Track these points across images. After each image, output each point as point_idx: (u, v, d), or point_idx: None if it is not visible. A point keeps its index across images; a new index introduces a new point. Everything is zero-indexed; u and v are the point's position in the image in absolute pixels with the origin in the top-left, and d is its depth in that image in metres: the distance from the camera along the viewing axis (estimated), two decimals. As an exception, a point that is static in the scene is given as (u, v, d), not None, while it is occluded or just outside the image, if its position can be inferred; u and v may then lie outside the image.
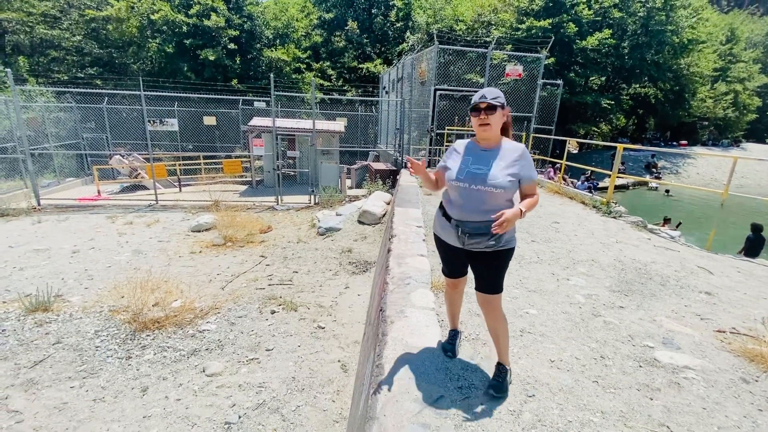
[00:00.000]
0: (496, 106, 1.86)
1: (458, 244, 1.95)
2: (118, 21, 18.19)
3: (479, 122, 1.88)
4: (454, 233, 1.94)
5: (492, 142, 1.94)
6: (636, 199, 18.16)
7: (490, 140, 1.94)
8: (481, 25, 19.91)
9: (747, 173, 22.90)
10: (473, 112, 1.90)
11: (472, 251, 1.94)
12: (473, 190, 1.86)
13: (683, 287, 3.60)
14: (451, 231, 1.95)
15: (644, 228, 5.91)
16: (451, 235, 1.97)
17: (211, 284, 5.22)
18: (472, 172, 1.88)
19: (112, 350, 3.70)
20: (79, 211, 8.93)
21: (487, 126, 1.87)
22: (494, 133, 1.91)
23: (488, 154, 1.91)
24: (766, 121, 25.28)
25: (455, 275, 2.14)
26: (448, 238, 2.00)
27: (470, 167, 1.90)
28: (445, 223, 2.00)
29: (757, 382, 2.27)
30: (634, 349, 2.52)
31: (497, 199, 1.85)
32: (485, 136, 1.92)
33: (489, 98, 1.84)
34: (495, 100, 1.85)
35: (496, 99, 1.85)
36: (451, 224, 1.95)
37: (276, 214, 9.06)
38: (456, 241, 1.95)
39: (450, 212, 1.96)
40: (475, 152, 1.95)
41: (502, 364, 2.05)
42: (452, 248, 2.02)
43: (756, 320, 3.00)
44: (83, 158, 14.15)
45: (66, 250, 6.32)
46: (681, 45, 21.24)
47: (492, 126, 1.87)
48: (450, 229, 1.96)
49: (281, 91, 11.52)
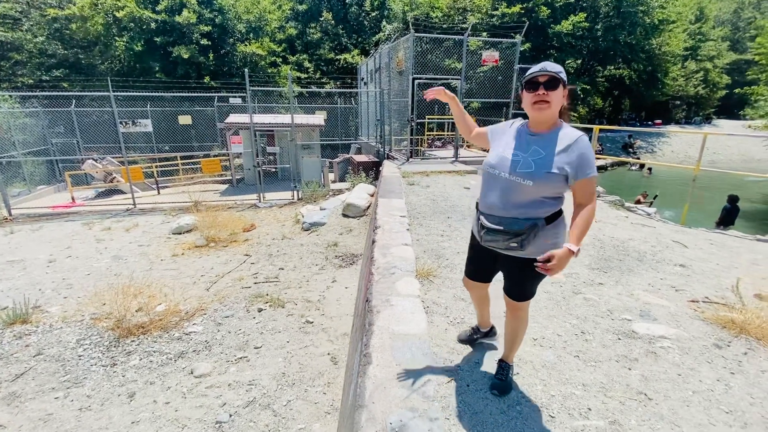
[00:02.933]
0: (559, 81, 1.53)
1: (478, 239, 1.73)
2: (82, 20, 17.44)
3: (536, 99, 1.53)
4: (477, 226, 1.74)
5: (546, 126, 1.61)
6: (616, 179, 18.61)
7: (545, 124, 1.60)
8: (456, 11, 19.86)
9: (718, 149, 23.70)
10: (528, 88, 1.56)
11: (498, 253, 1.73)
12: (501, 178, 1.62)
13: (659, 261, 3.73)
14: (476, 222, 1.75)
15: (622, 206, 6.07)
16: (476, 226, 1.77)
17: (196, 286, 5.15)
18: (505, 156, 1.63)
19: (95, 358, 3.62)
20: (54, 219, 8.64)
21: (545, 104, 1.53)
22: (552, 114, 1.57)
23: (536, 139, 1.60)
24: (735, 98, 26.10)
25: (472, 277, 1.92)
26: (474, 230, 1.81)
27: (507, 151, 1.64)
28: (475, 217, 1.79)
29: (729, 346, 2.37)
30: (613, 323, 2.60)
31: (529, 194, 1.57)
32: (541, 118, 1.58)
33: (551, 70, 1.52)
34: (559, 74, 1.53)
35: (560, 73, 1.53)
36: (476, 215, 1.74)
37: (259, 212, 8.95)
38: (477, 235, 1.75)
39: (480, 201, 1.74)
40: (521, 135, 1.65)
41: (506, 361, 1.95)
42: (478, 245, 1.80)
43: (727, 289, 3.13)
44: (54, 165, 13.65)
45: (42, 260, 6.12)
46: (652, 25, 21.67)
47: (552, 105, 1.54)
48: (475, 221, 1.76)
49: (257, 86, 11.31)
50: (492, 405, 1.85)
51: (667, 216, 6.69)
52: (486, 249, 1.75)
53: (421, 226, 4.69)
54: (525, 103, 1.60)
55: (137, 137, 15.33)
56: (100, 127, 14.87)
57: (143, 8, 17.12)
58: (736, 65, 31.79)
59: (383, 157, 10.87)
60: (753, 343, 2.40)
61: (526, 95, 1.58)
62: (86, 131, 14.78)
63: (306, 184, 9.85)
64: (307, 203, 9.13)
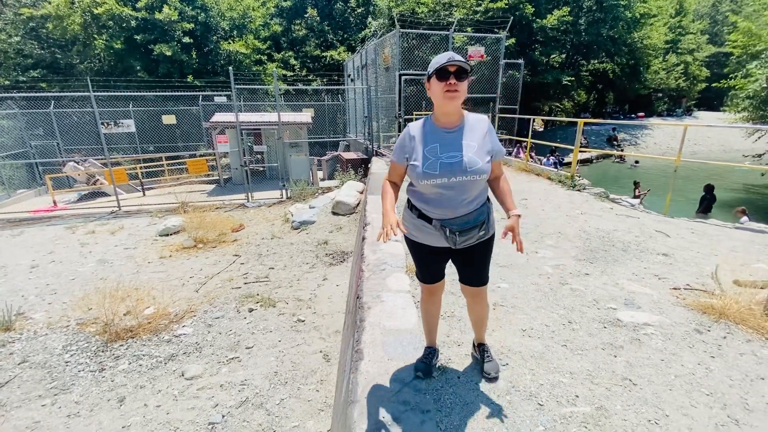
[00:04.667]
0: (467, 71, 1.55)
1: (446, 244, 1.71)
2: (58, 19, 16.93)
3: (447, 88, 1.53)
4: (440, 235, 1.69)
5: (455, 118, 1.64)
6: (602, 172, 18.91)
7: (454, 115, 1.63)
8: (442, 6, 19.85)
9: (699, 140, 24.25)
10: (439, 77, 1.54)
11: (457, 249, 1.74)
12: (454, 183, 1.60)
13: (643, 251, 3.82)
14: (434, 233, 1.70)
15: (607, 198, 6.19)
16: (433, 237, 1.72)
17: (185, 288, 5.09)
18: (445, 162, 1.59)
19: (83, 364, 3.57)
20: (35, 223, 8.43)
21: (455, 94, 1.54)
22: (459, 104, 1.61)
23: (455, 135, 1.63)
24: (715, 90, 26.75)
25: (436, 279, 1.89)
26: (430, 241, 1.74)
27: (441, 157, 1.60)
28: (422, 225, 1.72)
29: (709, 331, 2.45)
30: (599, 312, 2.66)
31: (480, 185, 1.67)
32: (451, 110, 1.60)
33: (458, 60, 1.51)
34: (465, 63, 1.53)
35: (466, 63, 1.54)
36: (433, 225, 1.68)
37: (247, 212, 8.87)
38: (442, 242, 1.71)
39: (429, 212, 1.69)
40: (439, 136, 1.63)
41: (484, 343, 2.07)
42: (434, 250, 1.77)
43: (707, 276, 3.22)
44: (34, 168, 13.28)
45: (24, 266, 5.98)
46: (634, 19, 21.99)
47: (461, 95, 1.56)
48: (431, 231, 1.70)
49: (243, 85, 11.16)
50: (483, 396, 1.88)
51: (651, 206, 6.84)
52: (441, 249, 1.76)
53: (410, 222, 4.71)
54: (435, 92, 1.58)
55: (120, 138, 15.00)
56: (82, 128, 14.52)
57: (122, 5, 16.70)
58: (715, 58, 32.50)
59: (372, 154, 10.86)
60: (732, 327, 2.48)
61: (437, 84, 1.56)
62: (67, 133, 14.41)
63: (294, 183, 9.79)
64: (296, 202, 9.08)
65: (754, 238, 4.27)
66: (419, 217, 1.72)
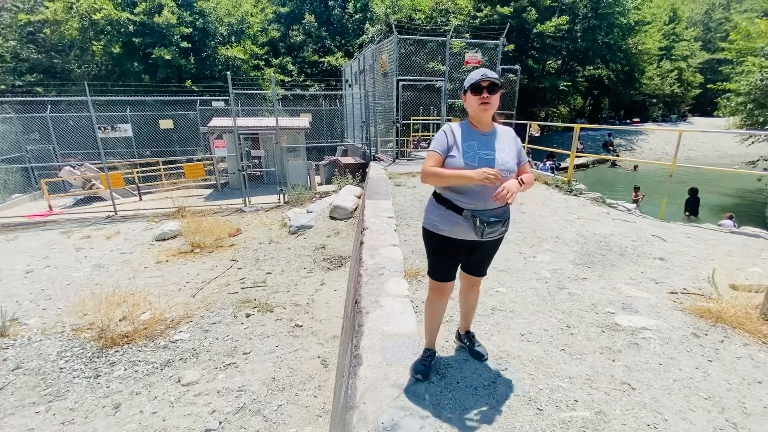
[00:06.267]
0: (498, 86, 1.77)
1: (473, 236, 1.80)
2: (56, 23, 16.94)
3: (481, 101, 1.76)
4: (469, 225, 1.78)
5: (488, 125, 1.86)
6: (598, 177, 19.04)
7: (486, 123, 1.85)
8: (439, 13, 20.02)
9: (694, 145, 24.49)
10: (474, 92, 1.77)
11: (478, 242, 1.85)
12: None
13: (640, 255, 3.83)
14: (463, 224, 1.80)
15: (603, 203, 6.23)
16: (461, 228, 1.81)
17: (181, 293, 5.06)
18: (483, 157, 1.77)
19: (78, 370, 3.53)
20: (30, 228, 8.37)
21: (488, 106, 1.77)
22: (491, 115, 1.84)
23: (489, 138, 1.84)
24: (709, 96, 27.05)
25: (451, 277, 1.96)
26: (456, 233, 1.84)
27: (479, 152, 1.78)
28: (452, 218, 1.82)
29: (707, 335, 2.46)
30: (597, 317, 2.66)
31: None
32: (484, 119, 1.82)
33: (491, 77, 1.74)
34: (497, 79, 1.76)
35: (498, 79, 1.77)
36: (463, 216, 1.79)
37: (244, 216, 8.85)
38: (470, 233, 1.80)
39: (461, 203, 1.80)
40: (476, 136, 1.83)
41: (471, 331, 2.26)
42: (459, 244, 1.87)
43: (704, 280, 3.24)
44: (29, 172, 13.19)
45: (18, 271, 5.92)
46: (628, 26, 22.26)
47: (492, 107, 1.79)
48: (461, 222, 1.80)
49: (240, 89, 11.17)
50: (482, 401, 1.88)
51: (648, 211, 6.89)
52: (466, 243, 1.86)
53: (408, 226, 4.72)
54: (471, 104, 1.81)
55: (117, 142, 14.94)
56: (78, 132, 14.44)
57: (121, 10, 16.74)
58: (708, 65, 32.90)
59: (369, 158, 10.89)
60: (729, 331, 2.49)
61: (471, 98, 1.79)
62: (63, 137, 14.34)
63: (292, 187, 9.78)
64: (294, 206, 9.07)
65: (749, 242, 4.31)
66: (449, 208, 1.83)
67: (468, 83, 1.80)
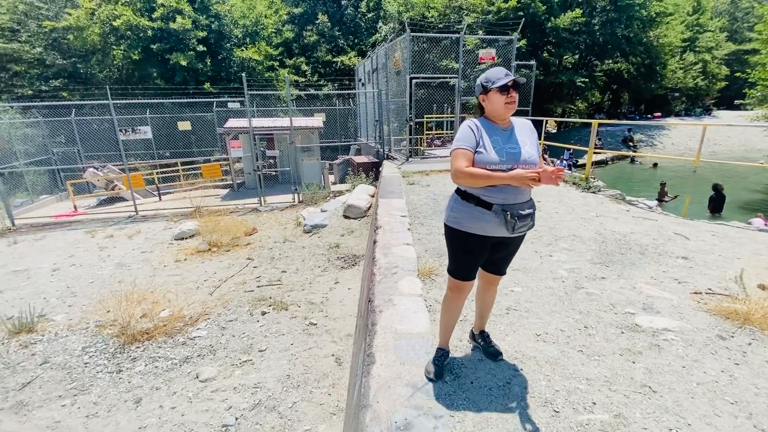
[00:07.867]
0: (520, 85, 1.83)
1: (503, 232, 1.80)
2: (79, 29, 17.51)
3: (508, 100, 1.82)
4: (500, 220, 1.78)
5: (507, 121, 1.91)
6: (617, 173, 18.55)
7: (507, 119, 1.90)
8: (452, 10, 19.84)
9: (719, 140, 23.60)
10: (501, 91, 1.81)
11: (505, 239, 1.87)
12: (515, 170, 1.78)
13: (661, 254, 3.72)
14: (492, 220, 1.79)
15: (623, 200, 6.06)
16: (490, 225, 1.81)
17: (199, 291, 5.16)
18: (509, 152, 1.80)
19: (101, 365, 3.64)
20: (56, 228, 8.68)
21: (514, 105, 1.83)
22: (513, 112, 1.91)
23: (509, 133, 1.88)
24: (735, 88, 26.00)
25: (473, 276, 1.97)
26: (484, 230, 1.83)
27: (504, 147, 1.81)
28: (480, 213, 1.81)
29: (733, 338, 2.37)
30: (616, 317, 2.60)
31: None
32: (508, 115, 1.87)
33: (515, 77, 1.81)
34: (520, 78, 1.84)
35: (521, 77, 1.85)
36: (493, 211, 1.78)
37: (260, 216, 8.97)
38: (500, 229, 1.80)
39: (490, 198, 1.80)
40: (498, 131, 1.87)
41: (487, 332, 2.25)
42: (486, 241, 1.87)
43: (730, 280, 3.12)
44: (56, 174, 13.69)
45: (46, 269, 6.15)
46: (649, 18, 21.59)
47: (516, 104, 1.85)
48: (490, 218, 1.80)
49: (255, 91, 11.32)
50: (496, 402, 1.85)
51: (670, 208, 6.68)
52: (494, 239, 1.88)
53: (422, 225, 4.70)
54: (495, 102, 1.83)
55: (137, 144, 15.37)
56: (101, 135, 14.92)
57: (139, 16, 17.19)
58: (735, 56, 31.63)
59: (383, 157, 10.88)
60: (757, 333, 2.39)
61: (497, 96, 1.82)
62: (87, 140, 14.83)
63: (306, 187, 9.86)
64: (308, 205, 9.15)
65: (779, 240, 4.12)
66: (477, 204, 1.82)
67: (491, 83, 1.82)
